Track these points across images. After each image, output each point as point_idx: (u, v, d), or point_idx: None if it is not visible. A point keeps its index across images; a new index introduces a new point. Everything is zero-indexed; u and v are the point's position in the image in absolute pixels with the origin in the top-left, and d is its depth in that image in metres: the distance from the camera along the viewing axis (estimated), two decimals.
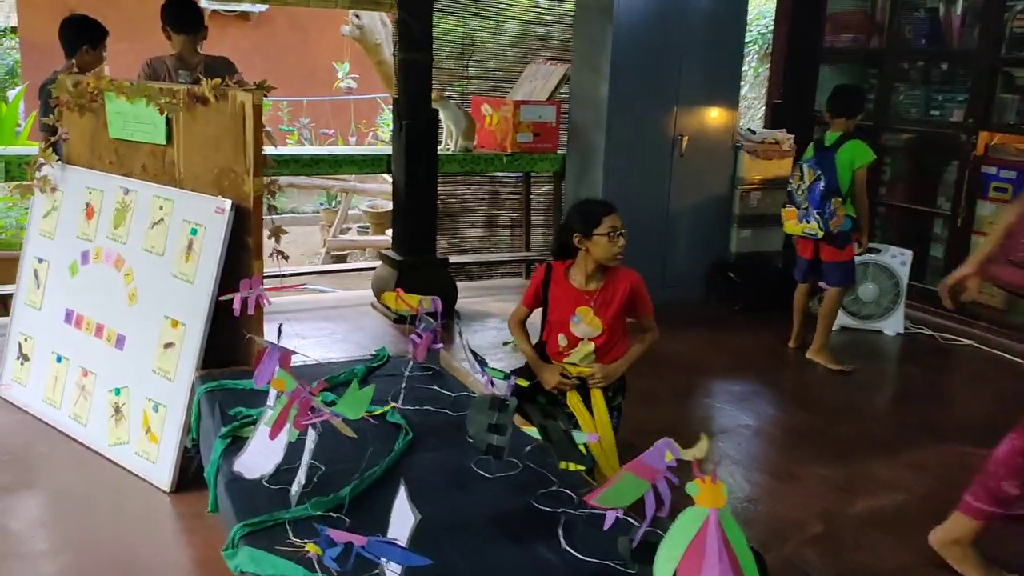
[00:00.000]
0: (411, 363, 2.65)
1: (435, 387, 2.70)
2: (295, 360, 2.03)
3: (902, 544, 2.80)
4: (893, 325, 5.03)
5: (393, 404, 2.39)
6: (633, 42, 4.98)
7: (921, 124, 5.61)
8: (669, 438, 1.64)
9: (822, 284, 4.44)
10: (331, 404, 1.88)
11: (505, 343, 4.51)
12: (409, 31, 4.76)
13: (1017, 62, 5.02)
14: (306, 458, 1.86)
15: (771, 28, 8.93)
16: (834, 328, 4.56)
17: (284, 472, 1.99)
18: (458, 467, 2.17)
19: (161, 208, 3.06)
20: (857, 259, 4.44)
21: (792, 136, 5.58)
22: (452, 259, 5.47)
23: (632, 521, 1.80)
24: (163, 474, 2.90)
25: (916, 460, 3.44)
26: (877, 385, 4.42)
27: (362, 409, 1.80)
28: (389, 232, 7.72)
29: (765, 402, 4.04)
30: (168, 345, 2.94)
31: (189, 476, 2.88)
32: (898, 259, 4.97)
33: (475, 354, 2.31)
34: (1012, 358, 4.67)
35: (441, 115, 5.15)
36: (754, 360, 4.58)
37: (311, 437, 1.86)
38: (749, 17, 8.42)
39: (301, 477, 1.88)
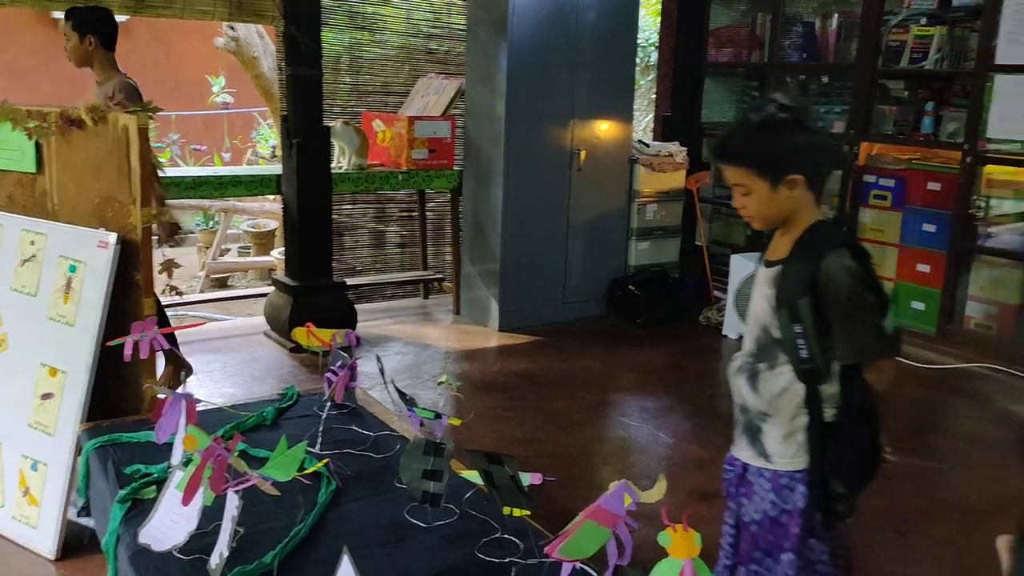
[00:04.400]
0: (327, 403, 2.46)
1: (353, 427, 2.52)
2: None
3: None
4: None
5: (326, 460, 2.20)
6: (528, 56, 4.93)
7: None
8: (626, 480, 1.55)
9: None
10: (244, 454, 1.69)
11: (440, 382, 4.32)
12: (296, 45, 4.54)
13: (892, 74, 5.26)
14: (229, 526, 1.67)
15: (651, 41, 9.13)
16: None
17: (198, 537, 1.79)
18: (391, 518, 2.00)
19: (32, 243, 2.75)
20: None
21: (685, 149, 5.66)
22: (349, 281, 5.25)
23: (589, 570, 1.70)
24: (46, 541, 2.60)
25: None
26: None
27: (293, 469, 1.62)
28: (274, 253, 7.42)
29: (680, 417, 4.04)
30: (46, 396, 2.64)
31: (84, 543, 2.59)
32: None
33: (401, 393, 2.15)
34: (902, 360, 4.86)
35: (332, 133, 4.94)
36: (662, 375, 4.59)
37: (233, 503, 1.66)
38: None
39: (223, 547, 1.68)
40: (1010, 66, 4.52)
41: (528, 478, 2.00)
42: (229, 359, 4.55)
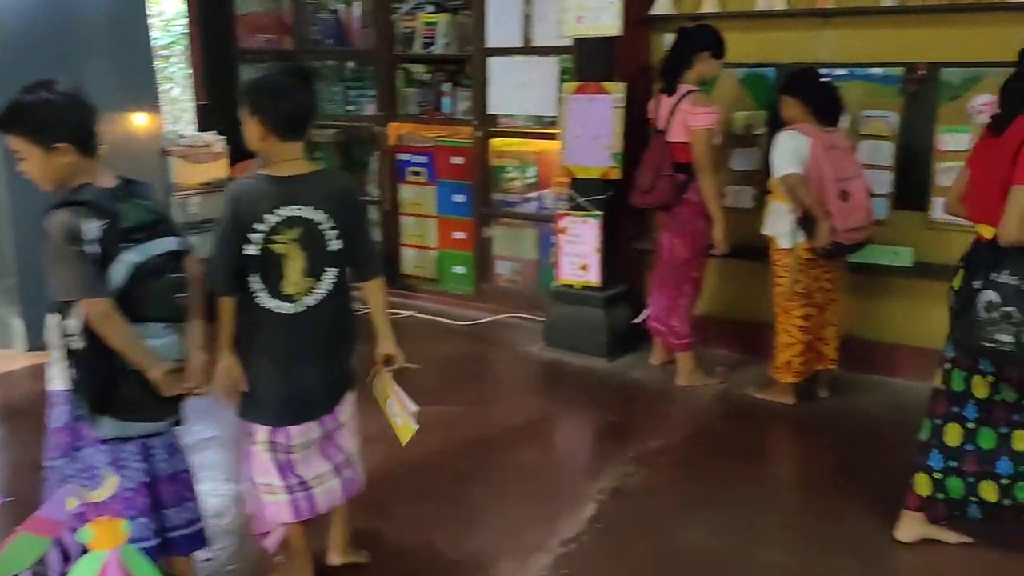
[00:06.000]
0: None
1: None
2: None
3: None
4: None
5: None
6: (18, 53, 4.42)
7: (343, 119, 5.99)
8: (72, 485, 1.48)
9: None
10: None
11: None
12: None
13: (411, 59, 5.63)
14: None
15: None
16: None
17: None
18: None
19: None
20: None
21: (224, 138, 5.53)
22: None
23: None
24: None
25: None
26: None
27: None
28: None
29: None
30: None
31: None
32: None
33: None
34: (443, 320, 5.29)
35: None
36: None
37: None
38: (170, 16, 8.17)
39: None
40: (498, 49, 5.09)
41: None
42: None
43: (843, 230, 3.63)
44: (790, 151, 3.64)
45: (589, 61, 4.46)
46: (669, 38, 4.23)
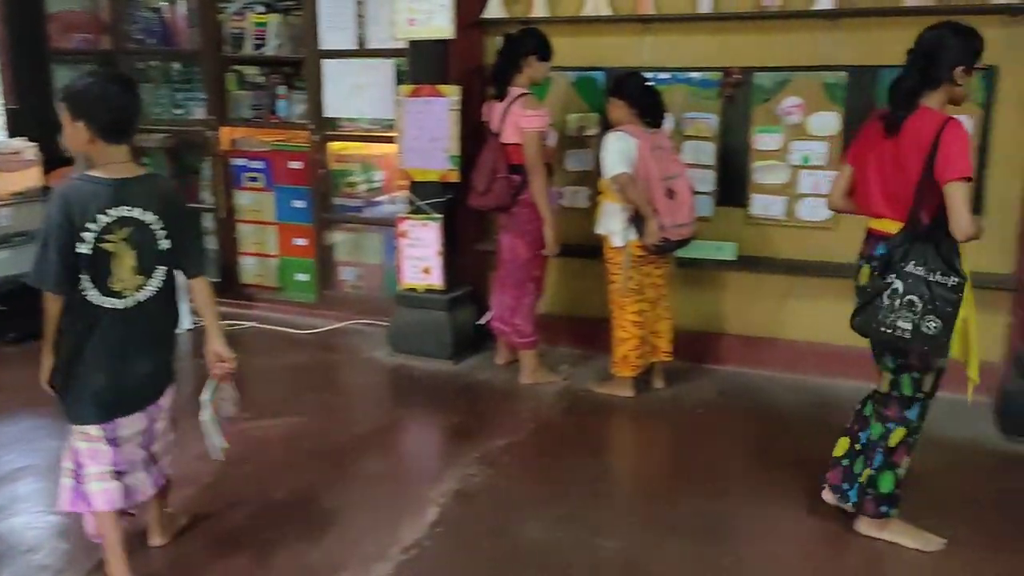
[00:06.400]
0: None
1: None
2: None
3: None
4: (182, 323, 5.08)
5: None
6: None
7: (171, 123, 5.70)
8: None
9: None
10: None
11: None
12: None
13: (242, 60, 5.44)
14: None
15: None
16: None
17: None
18: None
19: None
20: None
21: (36, 144, 5.15)
22: None
23: None
24: None
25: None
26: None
27: None
28: None
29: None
30: None
31: None
32: None
33: None
34: (286, 329, 5.14)
35: None
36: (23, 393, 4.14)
37: None
38: None
39: None
40: (333, 51, 5.00)
41: None
42: None
43: (670, 226, 3.79)
44: (619, 151, 3.77)
45: (423, 63, 4.45)
46: (500, 41, 4.28)
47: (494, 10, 4.58)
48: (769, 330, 4.46)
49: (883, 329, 2.62)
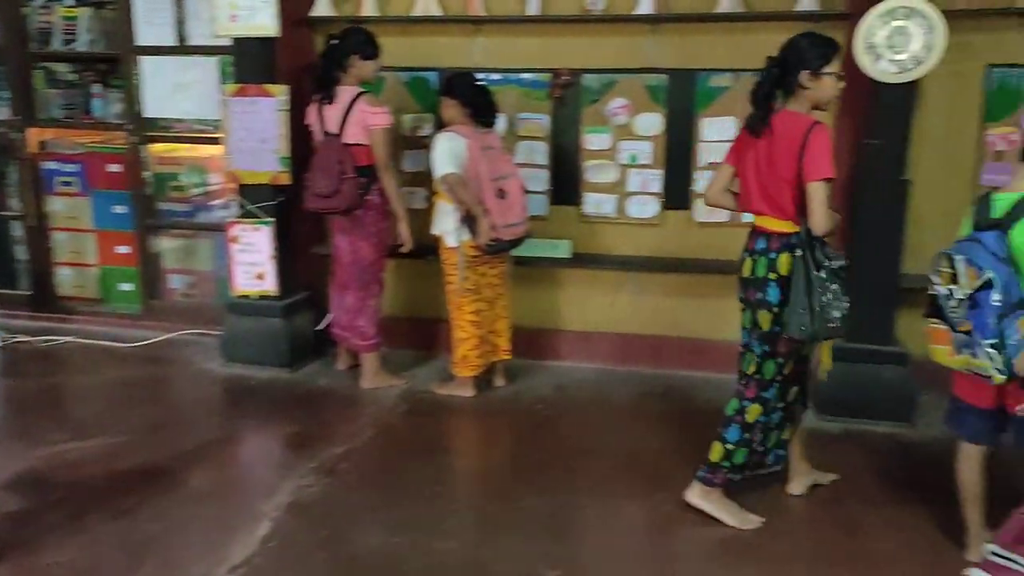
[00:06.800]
0: None
1: None
2: None
3: None
4: None
5: None
6: None
7: None
8: None
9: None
10: None
11: None
12: None
13: (52, 57, 5.05)
14: None
15: None
16: None
17: None
18: None
19: None
20: None
21: None
22: None
23: None
24: None
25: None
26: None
27: None
28: None
29: None
30: None
31: None
32: None
33: None
34: (108, 343, 4.82)
35: None
36: None
37: None
38: None
39: None
40: (151, 48, 4.74)
41: None
42: None
43: (502, 226, 3.82)
44: (448, 151, 3.76)
45: (249, 62, 4.28)
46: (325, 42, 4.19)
47: (322, 8, 4.47)
48: (603, 324, 4.59)
49: (830, 324, 2.75)
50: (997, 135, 3.97)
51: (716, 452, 3.02)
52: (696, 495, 3.06)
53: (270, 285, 4.43)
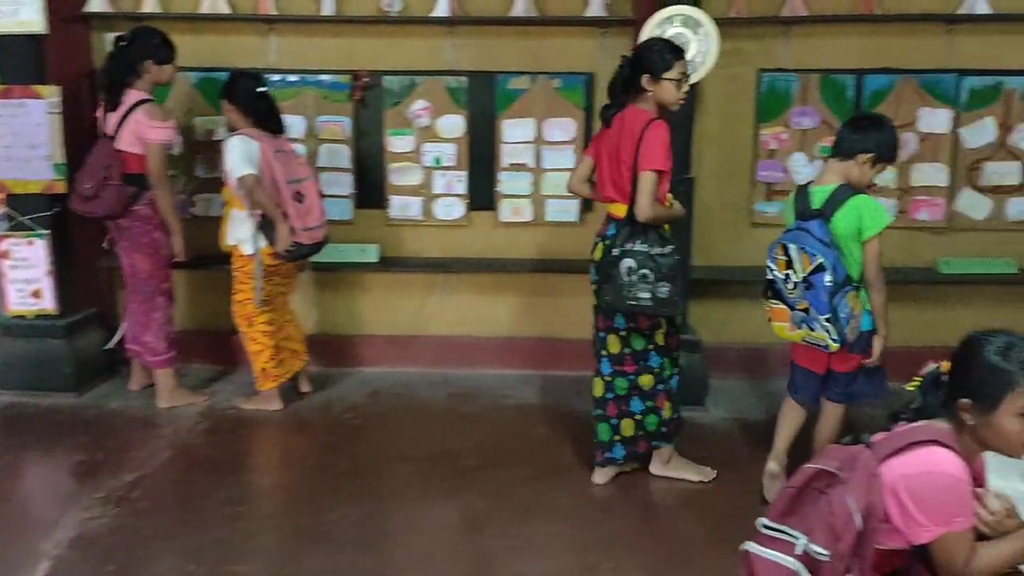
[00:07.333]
0: None
1: None
2: None
3: None
4: None
5: None
6: None
7: None
8: None
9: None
10: None
11: None
12: None
13: None
14: None
15: None
16: None
17: None
18: None
19: None
20: None
21: None
22: None
23: None
24: None
25: None
26: None
27: None
28: None
29: None
30: None
31: None
32: None
33: None
34: None
35: None
36: None
37: None
38: None
39: None
40: None
41: None
42: None
43: (301, 230, 3.70)
44: (243, 153, 3.60)
45: (14, 61, 3.93)
46: (111, 37, 3.91)
47: (97, 4, 4.16)
48: (412, 328, 4.56)
49: (629, 302, 2.99)
50: (770, 135, 4.29)
51: (627, 427, 3.23)
52: (655, 467, 3.32)
53: (48, 303, 4.08)
